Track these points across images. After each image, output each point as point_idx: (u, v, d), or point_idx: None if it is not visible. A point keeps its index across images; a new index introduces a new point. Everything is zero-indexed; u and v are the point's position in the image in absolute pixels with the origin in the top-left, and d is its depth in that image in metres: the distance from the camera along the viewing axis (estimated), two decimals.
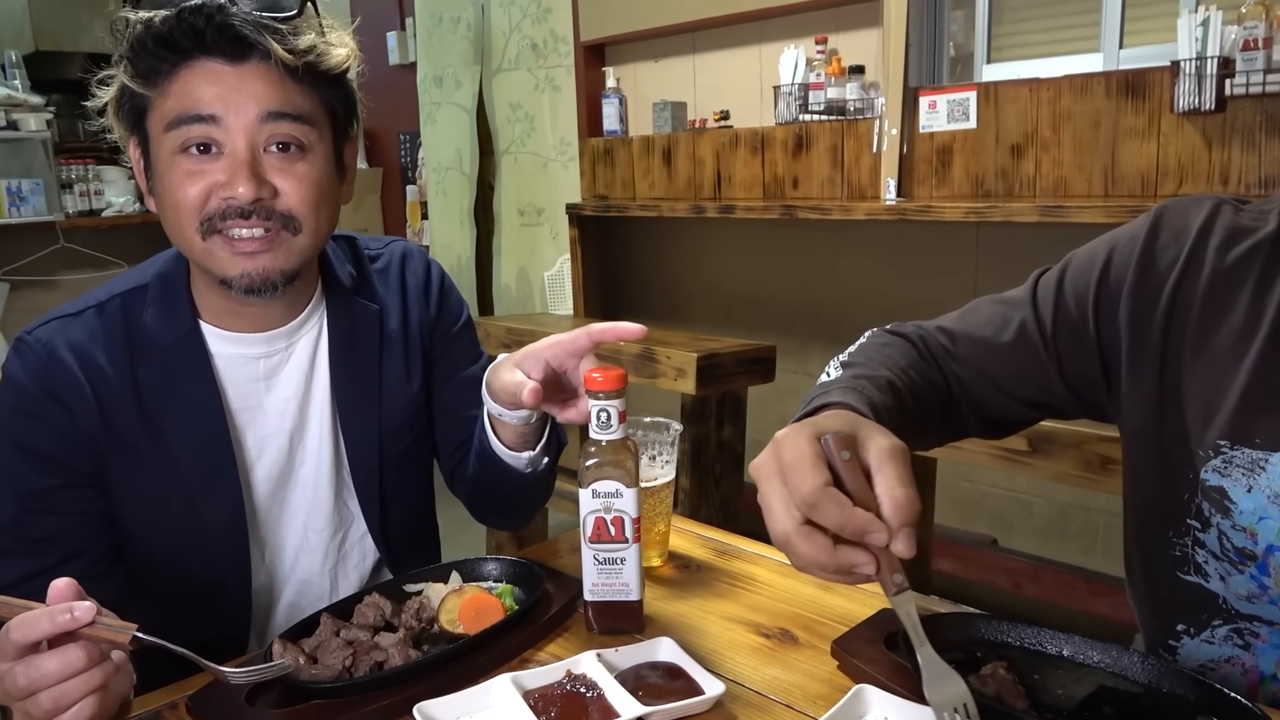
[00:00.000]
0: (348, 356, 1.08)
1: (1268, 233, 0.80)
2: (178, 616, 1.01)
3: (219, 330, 1.02)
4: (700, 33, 3.23)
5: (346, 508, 1.11)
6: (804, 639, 0.88)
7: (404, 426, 1.12)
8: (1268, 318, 0.78)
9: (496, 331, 3.06)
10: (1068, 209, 2.18)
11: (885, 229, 2.79)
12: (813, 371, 3.06)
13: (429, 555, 1.22)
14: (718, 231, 3.32)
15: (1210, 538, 0.82)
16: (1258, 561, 0.79)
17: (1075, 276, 0.89)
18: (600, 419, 0.86)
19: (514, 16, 3.75)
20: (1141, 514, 0.90)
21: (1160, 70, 2.17)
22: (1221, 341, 0.80)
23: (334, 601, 0.91)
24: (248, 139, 0.91)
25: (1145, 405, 0.85)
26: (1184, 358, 0.82)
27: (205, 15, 0.88)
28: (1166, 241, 0.84)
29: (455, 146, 4.07)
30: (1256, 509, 0.78)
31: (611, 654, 0.81)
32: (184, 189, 0.91)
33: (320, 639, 0.82)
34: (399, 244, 1.18)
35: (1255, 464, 0.78)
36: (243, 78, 0.90)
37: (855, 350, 0.92)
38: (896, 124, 2.61)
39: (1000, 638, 0.83)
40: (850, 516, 0.65)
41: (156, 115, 0.92)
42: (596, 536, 0.87)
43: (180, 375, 0.99)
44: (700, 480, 2.47)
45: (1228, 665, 0.84)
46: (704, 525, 1.18)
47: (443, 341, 1.17)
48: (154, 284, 1.02)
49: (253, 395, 1.04)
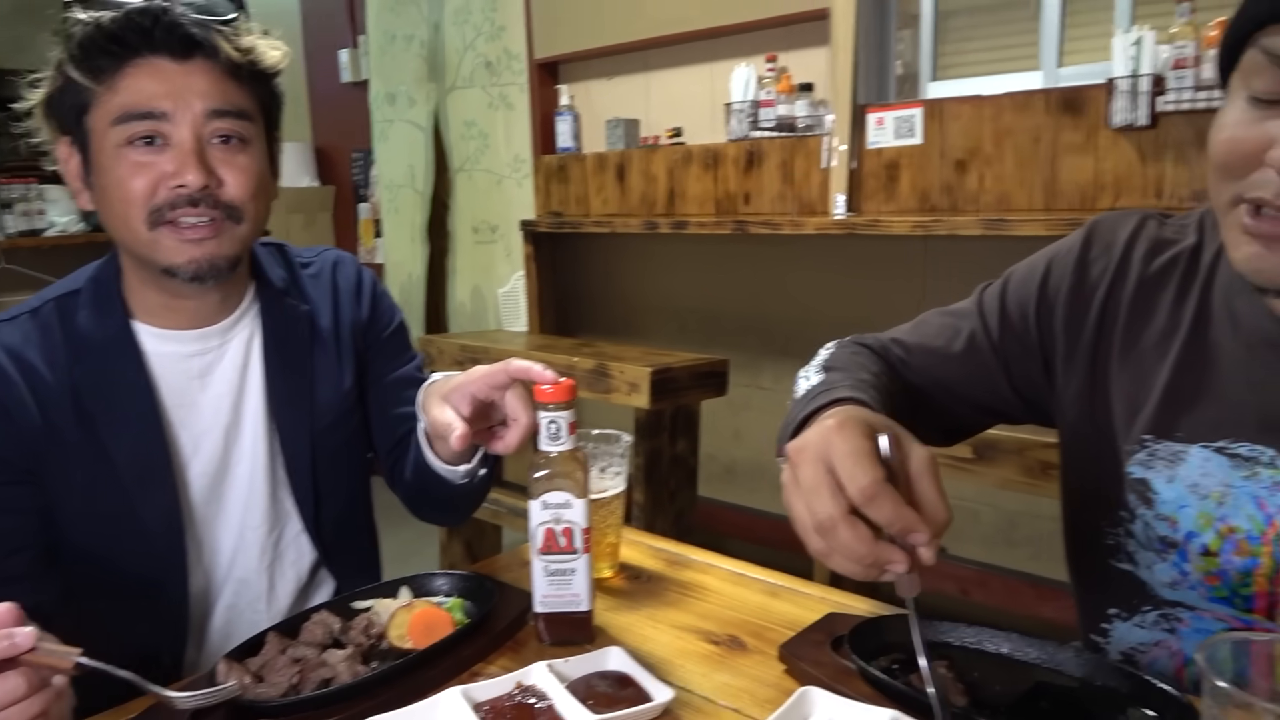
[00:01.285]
0: (280, 354, 1.10)
1: (1187, 244, 0.86)
2: (115, 618, 1.01)
3: (152, 328, 1.04)
4: (652, 51, 3.26)
5: (282, 505, 1.12)
6: (753, 645, 0.89)
7: (337, 423, 1.14)
8: (1186, 321, 0.84)
9: (450, 349, 3.05)
10: (1010, 222, 2.24)
11: (835, 243, 2.83)
12: (765, 385, 3.09)
13: (365, 553, 1.23)
14: (671, 247, 3.34)
15: (1137, 528, 0.86)
16: (1178, 549, 0.83)
17: (1017, 287, 0.94)
18: (550, 430, 0.87)
19: (468, 35, 3.76)
20: (1077, 506, 0.95)
21: (1097, 88, 2.24)
22: (1146, 343, 0.86)
23: (274, 608, 0.92)
24: (194, 132, 0.96)
25: (1079, 404, 0.90)
26: (1113, 359, 0.87)
27: (152, 15, 0.93)
28: (1098, 253, 0.90)
29: (408, 164, 4.05)
30: (1177, 498, 0.82)
31: (562, 664, 0.81)
32: (132, 181, 0.95)
33: (266, 658, 0.81)
34: (331, 252, 1.22)
35: (1176, 456, 0.83)
36: (189, 74, 0.95)
37: (830, 359, 0.94)
38: (845, 140, 2.66)
39: (941, 638, 0.85)
40: (902, 514, 0.66)
41: (102, 111, 0.95)
42: (547, 548, 0.87)
43: (114, 373, 1.01)
44: (655, 494, 2.48)
45: (1156, 649, 0.88)
46: (654, 536, 1.19)
47: (376, 344, 1.20)
48: (86, 287, 1.04)
49: (187, 393, 1.05)
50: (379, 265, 4.30)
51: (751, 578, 1.05)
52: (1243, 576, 0.80)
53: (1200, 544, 0.82)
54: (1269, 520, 0.78)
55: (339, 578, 1.16)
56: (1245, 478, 0.79)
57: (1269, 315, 0.78)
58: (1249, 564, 0.79)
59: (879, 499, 0.66)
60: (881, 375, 0.91)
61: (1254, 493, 0.79)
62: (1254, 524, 0.79)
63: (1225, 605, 0.82)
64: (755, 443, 3.15)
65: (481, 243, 3.88)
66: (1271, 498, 0.78)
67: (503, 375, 0.94)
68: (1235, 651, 0.58)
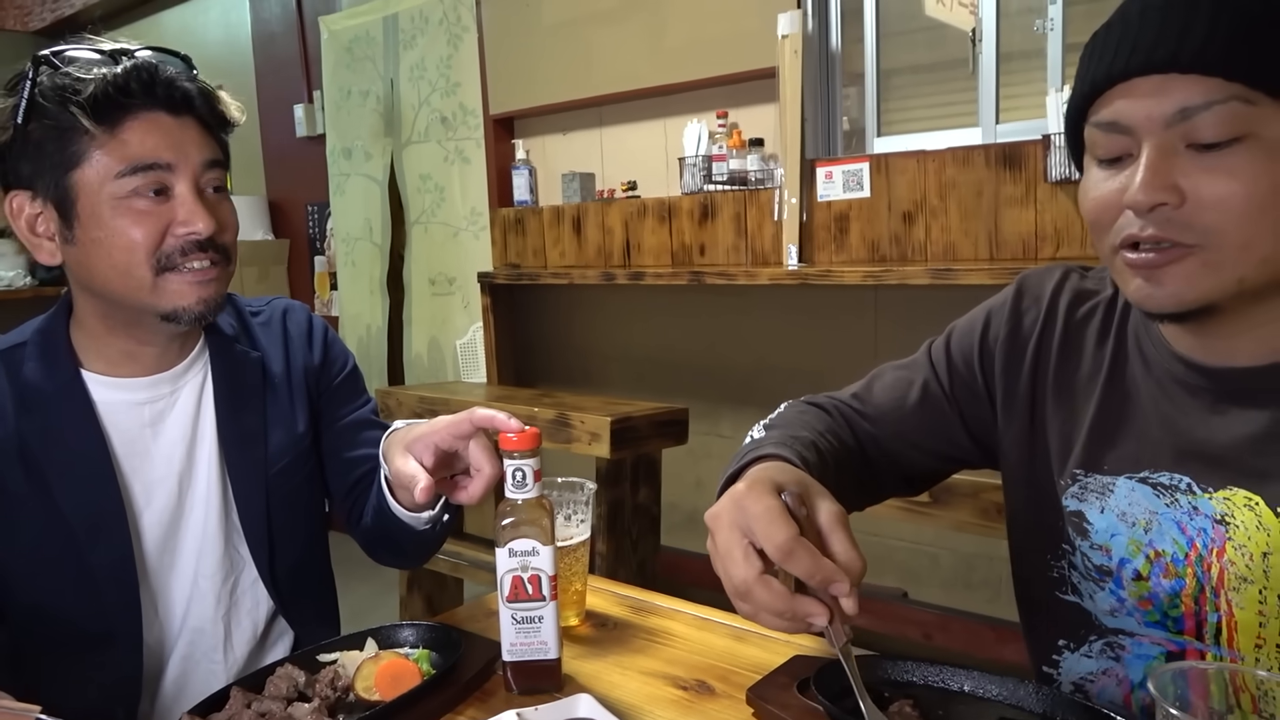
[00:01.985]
0: (231, 399, 1.11)
1: (1105, 295, 0.94)
2: (67, 673, 1.01)
3: (101, 377, 1.05)
4: (606, 107, 3.33)
5: (237, 552, 1.11)
6: (720, 689, 0.90)
7: (291, 468, 1.14)
8: (1105, 363, 0.90)
9: (408, 401, 3.03)
10: (956, 271, 2.31)
11: (788, 293, 2.89)
12: (724, 432, 3.12)
13: (323, 603, 1.22)
14: (628, 298, 3.38)
15: (1077, 559, 0.91)
16: (1114, 576, 0.88)
17: (960, 339, 1.01)
18: (515, 478, 0.87)
19: (423, 90, 3.80)
20: (1023, 542, 0.99)
21: (1033, 143, 2.34)
22: (1075, 385, 0.92)
23: (230, 657, 0.91)
24: (194, 182, 1.00)
25: (1019, 445, 0.96)
26: (1048, 400, 0.94)
27: (149, 72, 0.97)
28: (1029, 304, 0.97)
29: (365, 217, 4.06)
30: (1108, 527, 0.88)
31: (531, 713, 0.81)
32: (136, 230, 0.97)
33: (230, 713, 0.80)
34: (280, 300, 1.23)
35: (1105, 488, 0.88)
36: (184, 128, 1.00)
37: (775, 418, 0.98)
38: (796, 193, 2.74)
39: (906, 678, 0.86)
40: (820, 565, 0.69)
41: (102, 165, 0.96)
42: (514, 595, 0.88)
43: (64, 423, 1.01)
44: (617, 543, 2.48)
45: (1104, 677, 0.91)
46: (620, 584, 1.20)
47: (329, 388, 1.20)
48: (33, 339, 1.05)
49: (139, 441, 1.05)
50: (334, 318, 4.27)
51: (717, 622, 1.06)
52: (1171, 599, 0.85)
53: (1132, 569, 0.86)
54: (1190, 543, 0.83)
55: (297, 628, 1.15)
56: (1167, 505, 0.84)
57: (1171, 355, 0.84)
58: (1176, 586, 0.84)
59: (795, 554, 0.69)
60: (826, 432, 0.95)
61: (1176, 518, 0.84)
62: (1178, 547, 0.84)
63: (1159, 629, 0.86)
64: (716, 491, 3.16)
65: (439, 294, 3.89)
66: (1191, 522, 0.83)
67: (466, 424, 0.95)
68: (1176, 679, 0.63)
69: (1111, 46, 0.75)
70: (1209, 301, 0.75)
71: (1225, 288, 0.74)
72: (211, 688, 0.89)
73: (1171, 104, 0.72)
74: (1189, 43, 0.70)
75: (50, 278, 4.50)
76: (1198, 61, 0.70)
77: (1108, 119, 0.76)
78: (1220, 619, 0.82)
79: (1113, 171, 0.77)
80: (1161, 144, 0.73)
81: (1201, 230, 0.73)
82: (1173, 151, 0.73)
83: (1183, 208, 0.72)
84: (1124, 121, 0.74)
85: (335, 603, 1.24)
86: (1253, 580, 0.80)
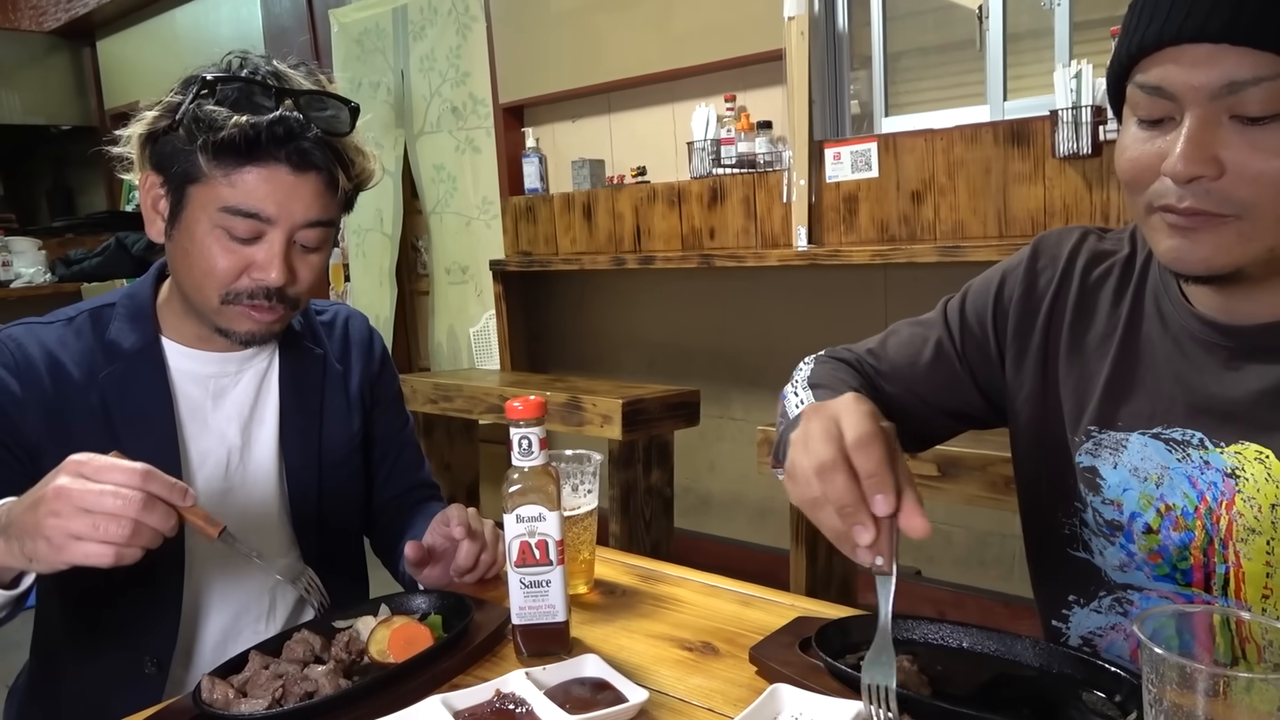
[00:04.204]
0: (295, 390, 1.17)
1: (1122, 254, 0.94)
2: (109, 622, 1.07)
3: (177, 345, 1.12)
4: (615, 93, 3.34)
5: (285, 533, 1.17)
6: (725, 650, 0.92)
7: (343, 462, 1.21)
8: (1122, 321, 0.91)
9: (423, 388, 3.07)
10: (965, 249, 2.31)
11: (798, 274, 2.90)
12: (736, 415, 3.14)
13: (356, 586, 1.26)
14: (639, 283, 3.40)
15: (1088, 515, 0.92)
16: (1124, 531, 0.89)
17: (975, 298, 1.02)
18: (521, 446, 0.89)
19: (434, 81, 3.83)
20: (1033, 500, 1.00)
21: (1041, 119, 2.34)
22: (1089, 344, 0.93)
23: (271, 631, 0.93)
24: (288, 237, 1.03)
25: (1031, 403, 0.97)
26: (1060, 359, 0.95)
27: (287, 127, 0.99)
28: (1045, 264, 0.98)
29: (376, 208, 4.09)
30: (1120, 482, 0.89)
31: (540, 672, 0.83)
32: (219, 260, 1.03)
33: (249, 674, 0.83)
34: (344, 306, 1.32)
35: (1119, 444, 0.89)
36: (299, 186, 1.02)
37: (813, 376, 0.99)
38: (804, 175, 2.74)
39: (906, 635, 0.88)
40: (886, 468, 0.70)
41: (211, 194, 1.01)
42: (522, 561, 0.90)
43: (138, 380, 1.08)
44: (630, 525, 2.50)
45: (1113, 632, 0.93)
46: (628, 554, 1.22)
47: (382, 401, 1.28)
48: (121, 302, 1.12)
49: (200, 410, 1.13)
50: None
51: (724, 589, 1.08)
52: (1180, 551, 0.86)
53: (1143, 523, 0.88)
54: (1200, 496, 0.84)
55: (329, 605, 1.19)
56: (1179, 460, 0.85)
57: (1190, 313, 0.85)
58: (1185, 538, 0.85)
59: (872, 445, 0.70)
60: (862, 389, 0.96)
61: (1187, 472, 0.85)
62: (1188, 501, 0.85)
63: (1168, 583, 0.88)
64: (729, 474, 3.18)
65: (454, 283, 3.92)
66: (1202, 476, 0.84)
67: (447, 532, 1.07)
68: (1179, 625, 0.62)
69: (1165, 7, 0.72)
70: (1239, 267, 0.75)
71: (1257, 255, 0.74)
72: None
73: (1220, 76, 0.70)
74: (1246, 13, 0.68)
75: (70, 274, 4.57)
76: (1253, 34, 0.68)
77: (1153, 82, 0.73)
78: (1228, 570, 0.83)
79: (1154, 133, 0.76)
80: (1205, 115, 0.71)
81: (1239, 203, 0.72)
82: (1215, 123, 0.71)
83: (1221, 180, 0.72)
84: (1169, 88, 0.72)
85: (367, 589, 1.30)
86: (1260, 531, 0.81)
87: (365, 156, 1.10)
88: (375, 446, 1.27)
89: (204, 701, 0.79)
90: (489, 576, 1.10)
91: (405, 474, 1.30)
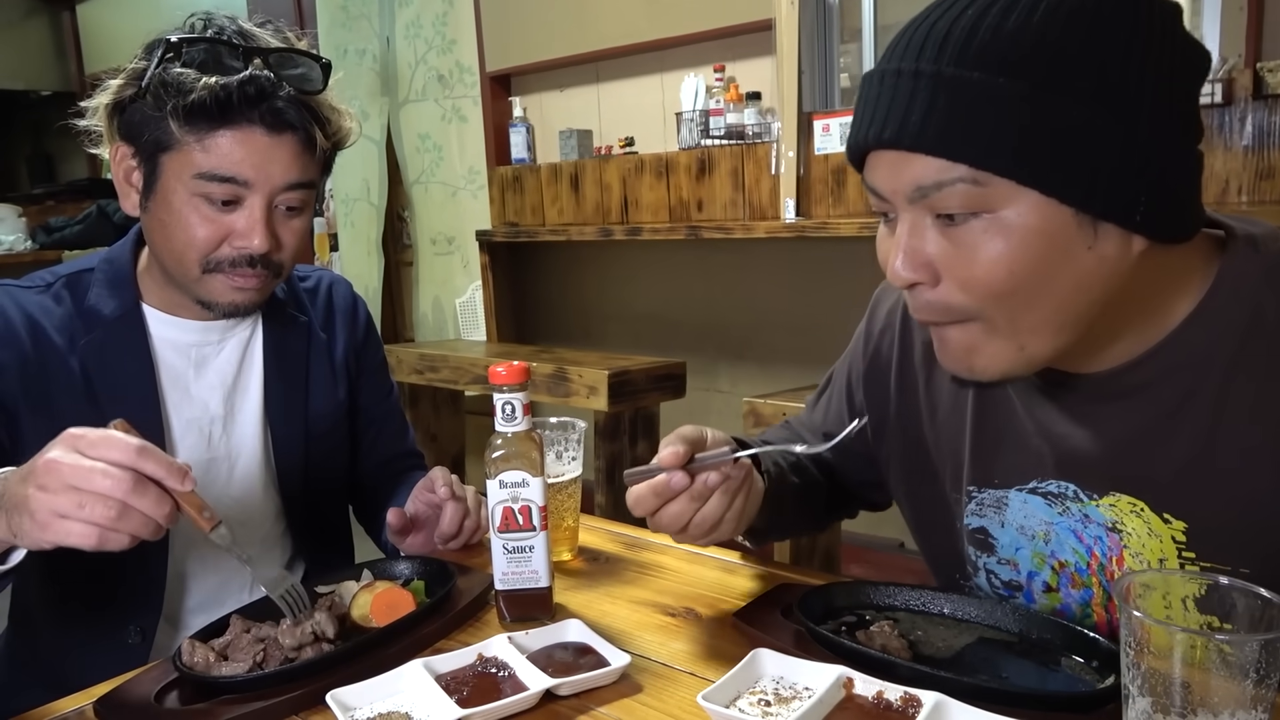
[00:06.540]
0: (279, 358, 1.16)
1: None
2: (92, 591, 1.06)
3: (158, 312, 1.09)
4: (603, 62, 3.31)
5: (271, 502, 1.16)
6: (707, 615, 0.92)
7: (329, 431, 1.20)
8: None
9: (409, 358, 3.05)
10: None
11: (786, 247, 2.89)
12: (723, 388, 3.14)
13: (341, 555, 1.26)
14: (626, 254, 3.39)
15: (980, 579, 0.91)
16: (1024, 590, 0.87)
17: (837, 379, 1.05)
18: (505, 411, 0.89)
19: (419, 49, 3.78)
20: (934, 563, 0.99)
21: None
22: (946, 401, 0.91)
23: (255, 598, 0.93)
24: (268, 201, 1.00)
25: (903, 469, 0.96)
26: (923, 422, 0.93)
27: (258, 86, 0.96)
28: (884, 326, 0.98)
29: (363, 177, 4.05)
30: (1012, 541, 0.87)
31: (522, 637, 0.83)
32: (199, 230, 1.00)
33: (230, 638, 0.83)
34: (326, 272, 1.29)
35: (999, 501, 0.87)
36: (275, 147, 0.99)
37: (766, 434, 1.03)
38: (793, 147, 2.73)
39: (887, 601, 0.89)
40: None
41: (185, 160, 0.98)
42: (505, 526, 0.90)
43: (119, 348, 1.06)
44: (617, 497, 2.51)
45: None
46: (612, 521, 1.22)
47: (367, 369, 1.26)
48: (100, 267, 1.09)
49: (181, 379, 1.11)
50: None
51: (708, 556, 1.09)
52: (1083, 608, 0.84)
53: (1041, 582, 0.86)
54: (1089, 552, 0.82)
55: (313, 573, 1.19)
56: (1060, 514, 0.83)
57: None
58: (1085, 595, 0.84)
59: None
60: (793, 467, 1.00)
61: (1070, 527, 0.83)
62: (1078, 556, 0.83)
63: None
64: None
65: (439, 254, 3.90)
66: (1085, 530, 0.82)
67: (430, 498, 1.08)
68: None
69: (858, 114, 0.74)
70: (1003, 374, 0.74)
71: (1011, 356, 0.73)
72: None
73: (909, 180, 0.69)
74: (909, 124, 0.68)
75: (51, 242, 4.51)
76: (919, 143, 0.68)
77: (869, 183, 0.74)
78: None
79: (890, 226, 0.75)
80: (912, 217, 0.71)
81: (961, 310, 0.72)
82: (923, 225, 0.71)
83: (938, 288, 0.71)
84: (879, 189, 0.73)
85: (352, 557, 1.29)
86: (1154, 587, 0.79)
87: (341, 114, 1.07)
88: (360, 415, 1.26)
89: (184, 665, 0.79)
90: (473, 542, 1.10)
91: (390, 443, 1.29)
